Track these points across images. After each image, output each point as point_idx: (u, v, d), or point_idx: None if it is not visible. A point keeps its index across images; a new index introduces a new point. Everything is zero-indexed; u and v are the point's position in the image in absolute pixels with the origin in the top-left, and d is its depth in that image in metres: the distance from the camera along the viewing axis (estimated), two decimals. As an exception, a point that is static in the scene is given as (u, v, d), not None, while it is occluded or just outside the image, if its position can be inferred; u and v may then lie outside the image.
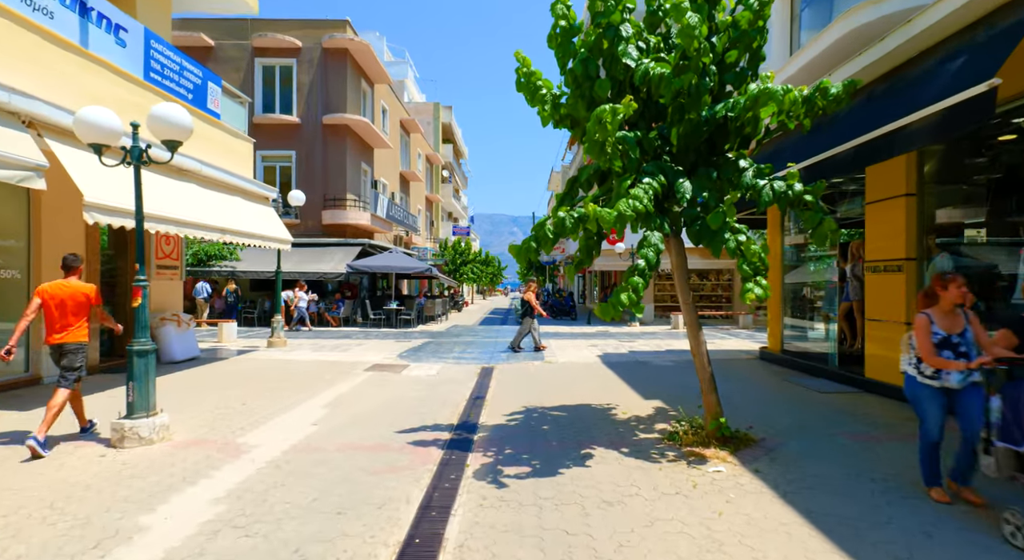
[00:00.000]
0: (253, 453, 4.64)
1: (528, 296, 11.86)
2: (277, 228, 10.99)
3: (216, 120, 9.78)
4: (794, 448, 4.68)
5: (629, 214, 4.12)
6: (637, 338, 14.90)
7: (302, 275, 17.59)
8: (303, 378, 8.36)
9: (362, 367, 9.55)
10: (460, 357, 11.08)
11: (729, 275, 21.31)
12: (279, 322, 12.08)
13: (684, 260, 5.07)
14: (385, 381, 8.26)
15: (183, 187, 8.22)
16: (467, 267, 33.79)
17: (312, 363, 9.91)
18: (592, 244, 5.11)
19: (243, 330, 16.57)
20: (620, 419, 5.86)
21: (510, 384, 8.08)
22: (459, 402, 6.86)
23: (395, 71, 41.19)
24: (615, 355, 11.22)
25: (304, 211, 20.40)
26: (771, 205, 4.59)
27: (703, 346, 4.99)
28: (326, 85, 20.48)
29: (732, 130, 4.80)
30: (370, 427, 5.58)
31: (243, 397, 6.91)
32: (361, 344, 13.05)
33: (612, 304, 4.21)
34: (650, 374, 8.84)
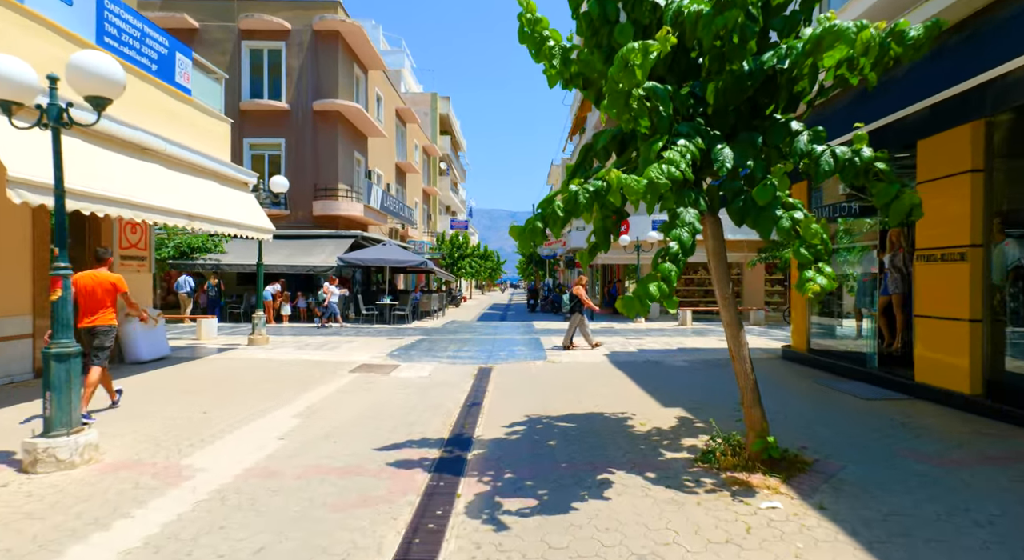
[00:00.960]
0: (197, 479, 3.79)
1: (578, 290, 10.96)
2: (257, 216, 10.11)
3: (186, 96, 8.88)
4: (858, 474, 3.83)
5: (663, 182, 3.26)
6: (644, 335, 14.06)
7: (290, 268, 16.72)
8: (280, 381, 7.51)
9: (348, 368, 8.70)
10: (455, 356, 10.23)
11: (738, 268, 20.43)
12: (261, 318, 11.22)
13: (722, 244, 4.21)
14: (371, 384, 7.40)
15: (144, 167, 7.33)
16: (465, 261, 32.92)
17: (294, 363, 9.06)
18: (610, 225, 4.25)
19: (227, 326, 15.70)
20: (639, 432, 5.02)
21: (510, 387, 7.24)
22: (452, 410, 6.01)
23: (391, 60, 40.14)
24: (623, 354, 10.38)
25: (294, 202, 19.51)
26: (830, 176, 3.72)
27: (745, 349, 4.13)
28: (317, 69, 19.54)
29: (782, 85, 3.92)
30: (345, 442, 4.73)
31: (206, 404, 6.05)
32: (350, 342, 12.20)
33: (638, 297, 3.36)
34: (665, 376, 7.99)
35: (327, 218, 19.54)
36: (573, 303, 11.04)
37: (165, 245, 15.97)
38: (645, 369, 8.60)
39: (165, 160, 7.86)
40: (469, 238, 37.55)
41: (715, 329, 15.70)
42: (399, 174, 29.49)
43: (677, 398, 6.45)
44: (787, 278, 19.86)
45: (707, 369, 8.54)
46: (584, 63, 4.30)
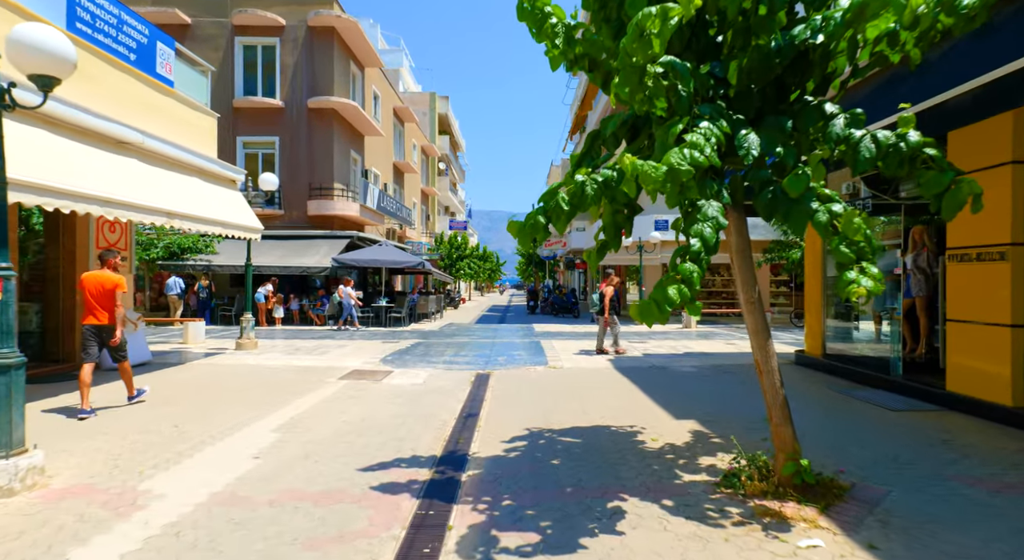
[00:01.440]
0: (152, 509, 3.33)
1: (608, 291, 10.48)
2: (244, 215, 9.66)
3: (167, 88, 8.43)
4: (905, 503, 3.38)
5: (684, 169, 2.81)
6: (648, 338, 13.60)
7: (283, 269, 16.27)
8: (264, 389, 7.05)
9: (337, 374, 8.24)
10: (452, 361, 9.77)
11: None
12: (249, 321, 10.76)
13: (747, 241, 3.77)
14: (361, 392, 6.95)
15: (120, 162, 6.88)
16: (464, 262, 32.47)
17: (281, 369, 8.60)
18: (621, 221, 3.80)
19: (218, 329, 15.24)
20: (651, 449, 4.56)
21: (509, 396, 6.78)
22: (446, 421, 5.56)
23: (389, 59, 39.74)
24: (628, 359, 9.92)
25: (288, 201, 19.07)
26: (871, 165, 3.28)
27: (773, 360, 3.68)
28: (312, 66, 19.10)
29: (815, 62, 3.48)
30: (327, 461, 4.27)
31: (181, 416, 5.59)
32: (343, 346, 11.74)
33: (655, 302, 2.91)
34: (673, 384, 7.54)
35: (322, 218, 19.10)
36: (602, 304, 10.59)
37: (154, 245, 15.53)
38: (652, 376, 8.15)
39: (143, 155, 7.41)
40: (468, 239, 37.10)
41: (721, 332, 15.25)
42: (397, 174, 29.05)
43: (689, 409, 5.99)
44: (792, 279, 19.42)
45: (717, 376, 8.09)
46: (590, 43, 3.85)
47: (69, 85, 6.44)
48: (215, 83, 18.83)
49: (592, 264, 3.93)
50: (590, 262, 3.92)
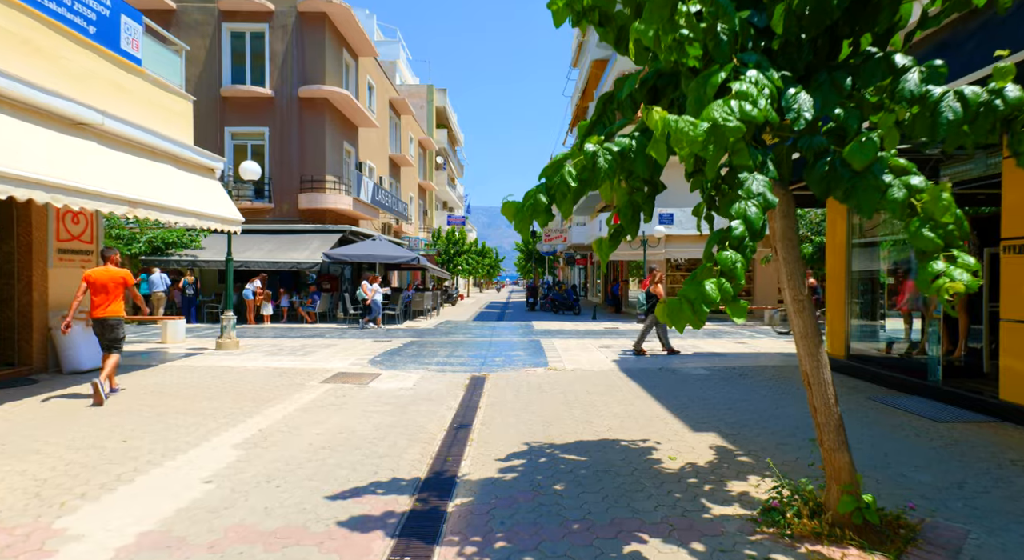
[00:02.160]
0: (60, 557, 2.69)
1: (656, 289, 9.79)
2: (222, 206, 8.99)
3: (134, 66, 7.75)
4: (994, 549, 2.74)
5: (732, 126, 2.17)
6: (653, 337, 12.95)
7: (273, 265, 15.60)
8: (237, 395, 6.40)
9: (320, 377, 7.60)
10: (446, 362, 9.12)
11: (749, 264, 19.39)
12: (231, 320, 10.10)
13: (794, 227, 3.11)
14: (343, 399, 6.30)
15: (74, 144, 6.21)
16: (461, 258, 31.81)
17: (260, 372, 7.95)
18: (641, 201, 3.15)
19: (203, 327, 14.58)
20: (669, 471, 3.92)
21: (506, 403, 6.14)
22: (435, 434, 4.92)
23: (386, 51, 38.97)
24: (634, 360, 9.28)
25: (278, 194, 18.40)
26: (955, 129, 2.62)
27: (826, 371, 3.03)
28: (302, 54, 18.38)
29: (884, 5, 2.83)
30: (292, 486, 3.63)
31: (134, 428, 4.95)
32: (331, 345, 11.09)
33: (688, 301, 2.28)
34: (685, 388, 6.91)
35: (314, 212, 18.41)
36: (651, 303, 9.91)
37: (137, 240, 14.85)
38: (661, 379, 7.51)
39: (103, 137, 6.73)
40: (466, 234, 36.42)
41: (728, 330, 14.62)
42: (393, 167, 28.35)
43: (706, 418, 5.35)
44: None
45: (732, 380, 7.45)
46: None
47: (14, 57, 5.77)
48: (201, 71, 18.17)
49: (603, 255, 3.27)
50: (601, 253, 3.27)
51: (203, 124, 18.10)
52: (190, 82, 18.11)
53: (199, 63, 18.18)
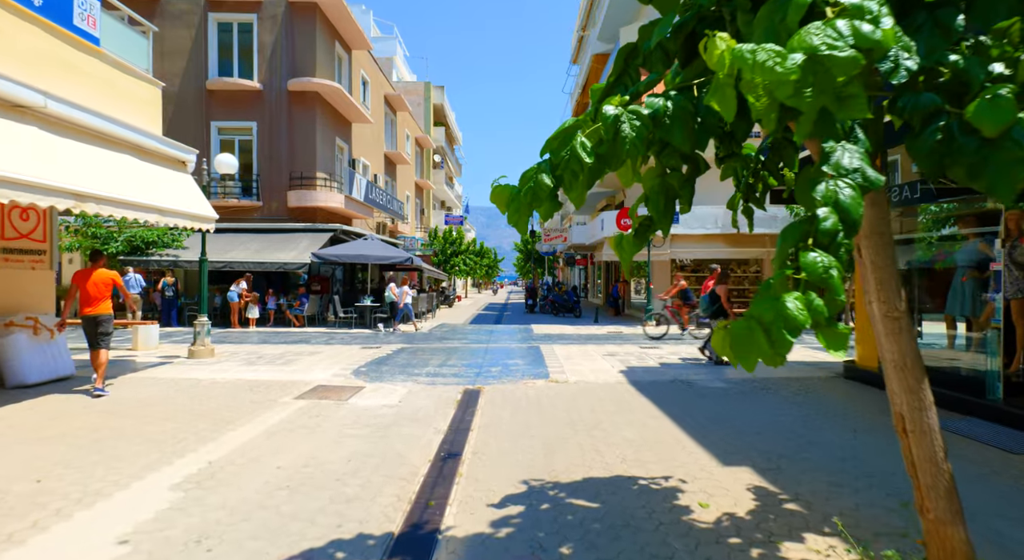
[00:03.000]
0: None
1: (721, 291, 8.86)
2: (193, 201, 8.23)
3: (91, 45, 6.98)
4: None
5: (843, 56, 1.40)
6: (661, 343, 12.20)
7: (258, 265, 14.83)
8: (195, 415, 5.63)
9: (296, 391, 6.83)
10: (437, 373, 8.35)
11: (757, 266, 18.58)
12: (204, 325, 9.33)
13: (886, 216, 2.34)
14: (316, 420, 5.53)
15: (9, 129, 5.44)
16: (458, 258, 31.03)
17: (230, 386, 7.18)
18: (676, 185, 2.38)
19: (183, 332, 13.79)
20: (702, 524, 3.16)
21: (503, 425, 5.37)
22: (416, 469, 4.16)
23: (382, 48, 38.20)
24: (643, 370, 8.52)
25: (267, 191, 17.63)
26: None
27: (931, 415, 2.25)
28: (292, 46, 17.61)
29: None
30: (225, 552, 2.86)
31: (56, 461, 4.17)
32: (315, 353, 10.30)
33: (764, 327, 1.51)
34: (703, 404, 6.14)
35: (303, 210, 17.64)
36: (716, 306, 8.93)
37: (114, 239, 14.06)
38: (675, 393, 6.75)
39: (47, 122, 5.95)
40: (463, 234, 35.64)
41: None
42: (388, 165, 27.57)
43: (735, 446, 4.59)
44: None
45: (753, 395, 6.69)
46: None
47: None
48: (187, 63, 17.41)
49: (625, 256, 2.51)
50: (622, 254, 2.51)
51: (188, 118, 17.37)
52: (175, 75, 17.37)
53: (184, 55, 17.41)
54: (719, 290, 8.89)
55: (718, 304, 8.92)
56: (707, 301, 9.04)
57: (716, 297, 8.91)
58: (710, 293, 9.05)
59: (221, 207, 17.38)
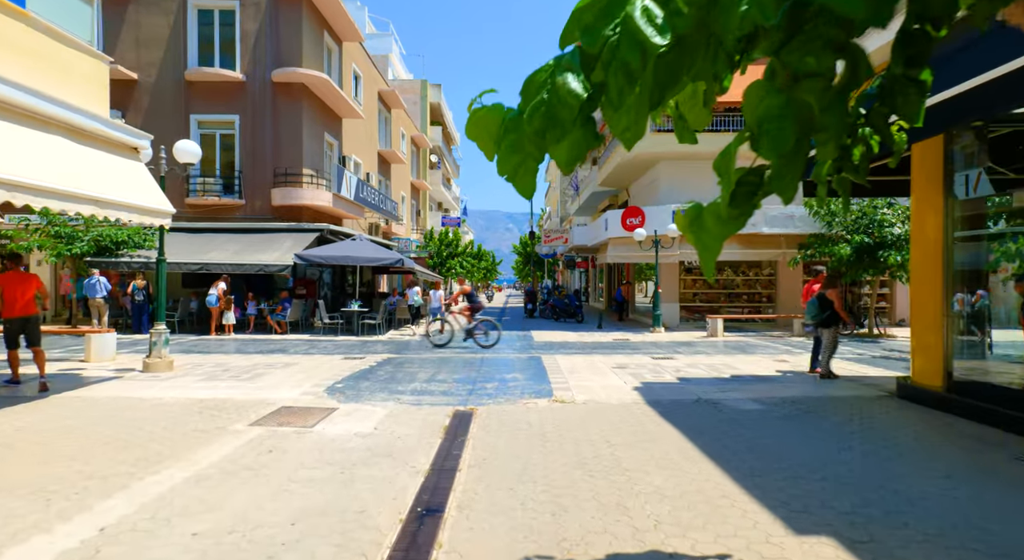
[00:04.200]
0: None
1: (834, 294, 7.58)
2: (145, 193, 7.17)
3: (14, 6, 5.93)
4: None
5: None
6: (674, 352, 11.13)
7: (237, 267, 13.75)
8: (118, 449, 4.55)
9: (255, 414, 5.76)
10: (424, 390, 7.27)
11: (771, 268, 17.55)
12: (161, 334, 8.24)
13: None
14: (268, 456, 4.45)
15: None
16: (455, 260, 29.97)
17: (177, 407, 6.09)
18: (812, 107, 1.30)
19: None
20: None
21: (498, 462, 4.30)
22: (381, 535, 3.09)
23: (378, 45, 37.23)
24: (660, 386, 7.45)
25: (250, 189, 16.57)
26: None
27: None
28: (277, 34, 16.59)
29: None
30: None
31: (-103, 527, 3.09)
32: (291, 364, 9.21)
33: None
34: (742, 434, 5.07)
35: (289, 209, 16.57)
36: (827, 313, 7.64)
37: (79, 238, 12.98)
38: (704, 418, 5.68)
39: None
40: (460, 235, 34.58)
41: (756, 343, 12.78)
42: (382, 164, 26.54)
43: (802, 500, 3.51)
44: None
45: (798, 420, 5.62)
46: None
47: None
48: (164, 52, 16.39)
49: (707, 241, 1.45)
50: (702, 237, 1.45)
51: (165, 111, 16.33)
52: (151, 65, 16.34)
53: (161, 43, 16.37)
54: (830, 294, 7.58)
55: (829, 311, 7.58)
56: (815, 307, 7.69)
57: (826, 302, 7.59)
58: (818, 297, 7.71)
59: (200, 206, 16.35)
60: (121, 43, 16.29)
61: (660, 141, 16.14)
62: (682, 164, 16.88)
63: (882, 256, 12.49)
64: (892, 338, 13.61)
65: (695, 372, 8.53)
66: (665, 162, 17.00)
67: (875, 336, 13.85)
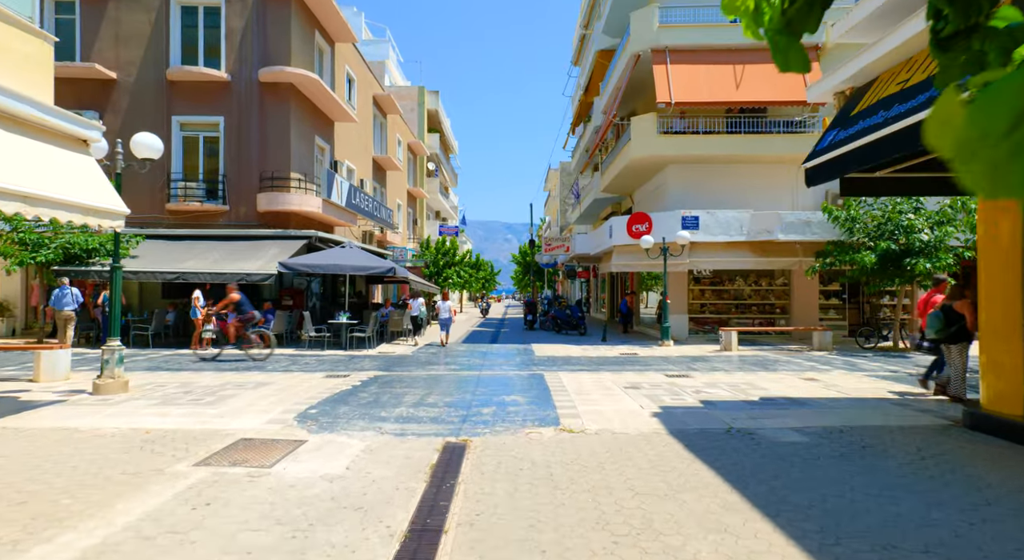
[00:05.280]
0: None
1: (964, 307, 6.41)
2: (93, 191, 6.27)
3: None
4: None
5: None
6: (689, 369, 10.17)
7: (216, 277, 12.81)
8: (12, 504, 3.60)
9: (203, 451, 4.81)
10: (411, 417, 6.32)
11: (785, 278, 16.64)
12: (115, 352, 7.30)
13: None
14: (202, 513, 3.50)
15: None
16: (452, 270, 29.05)
17: (116, 440, 5.14)
18: None
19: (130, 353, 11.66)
20: None
21: (494, 523, 3.35)
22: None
23: (375, 51, 36.62)
24: (682, 411, 6.50)
25: (235, 194, 15.69)
26: None
27: None
28: (264, 32, 15.81)
29: None
30: None
31: None
32: (264, 384, 8.25)
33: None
34: (798, 479, 4.13)
35: (276, 215, 15.67)
36: (955, 327, 6.47)
37: (45, 246, 12.06)
38: (742, 455, 4.74)
39: None
40: (458, 244, 33.69)
41: (775, 358, 11.84)
42: (377, 171, 25.72)
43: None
44: (845, 289, 16.08)
45: (858, 458, 4.68)
46: None
47: None
48: (145, 50, 15.60)
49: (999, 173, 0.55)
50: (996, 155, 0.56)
51: (145, 112, 15.50)
52: (131, 63, 15.54)
53: (142, 41, 15.58)
54: (960, 306, 6.44)
55: (958, 325, 6.44)
56: (939, 321, 6.58)
57: (954, 315, 6.46)
58: (943, 309, 6.62)
59: (181, 211, 15.45)
60: (100, 40, 15.50)
61: (669, 143, 15.33)
62: (692, 168, 16.06)
63: (908, 264, 11.61)
64: (919, 352, 12.68)
65: (718, 394, 7.58)
66: (674, 166, 16.17)
67: (900, 350, 12.92)
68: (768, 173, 15.95)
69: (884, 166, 5.91)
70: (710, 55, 15.31)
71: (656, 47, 15.41)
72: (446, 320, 14.56)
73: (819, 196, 15.78)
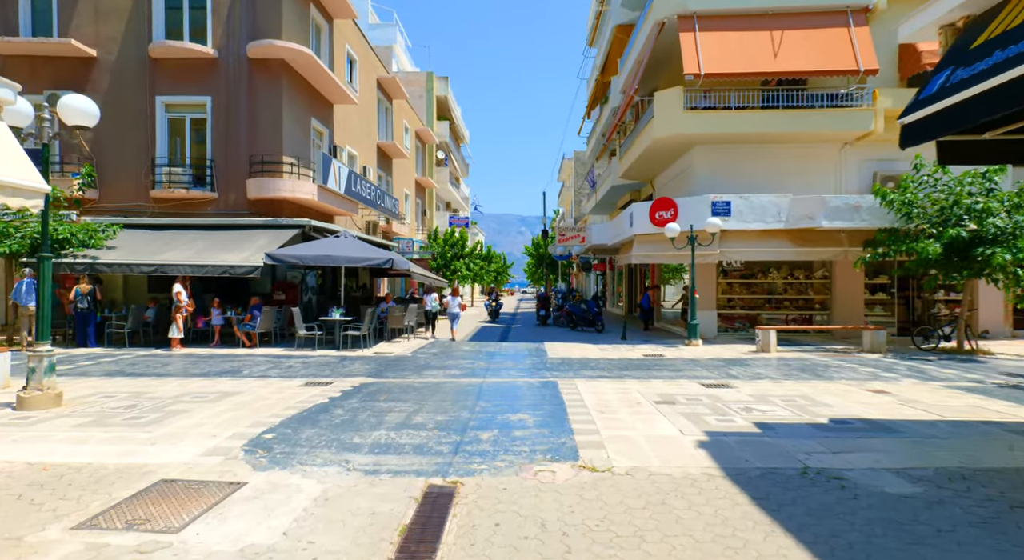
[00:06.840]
0: None
1: None
2: (4, 165, 5.04)
3: None
4: None
5: None
6: (727, 376, 8.73)
7: (196, 269, 11.66)
8: None
9: (100, 502, 3.56)
10: (389, 443, 5.01)
11: (825, 270, 15.03)
12: (43, 359, 6.10)
13: None
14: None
15: None
16: (461, 262, 27.75)
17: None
18: None
19: (98, 354, 10.59)
20: None
21: None
22: None
23: (381, 36, 35.29)
24: (735, 440, 5.11)
25: (223, 181, 14.52)
26: None
27: None
28: (253, 4, 14.55)
29: None
30: None
31: None
32: (227, 395, 7.00)
33: None
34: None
35: (267, 202, 14.46)
36: None
37: (9, 236, 11.00)
38: (839, 518, 3.36)
39: None
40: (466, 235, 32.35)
41: (825, 362, 10.33)
42: (383, 158, 24.45)
43: None
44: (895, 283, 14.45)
45: (1011, 520, 3.27)
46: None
47: None
48: (126, 25, 14.46)
49: None
50: None
51: (127, 92, 14.38)
52: (111, 39, 14.40)
53: (123, 15, 14.42)
54: None
55: None
56: None
57: None
58: None
59: (167, 199, 14.32)
60: (78, 15, 14.37)
61: (696, 121, 13.78)
62: (722, 149, 14.49)
63: (981, 254, 10.00)
64: (990, 354, 11.09)
65: (774, 412, 6.16)
66: (701, 146, 14.61)
67: (967, 352, 11.32)
68: (807, 154, 14.34)
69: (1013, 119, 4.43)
70: (743, 20, 13.69)
71: (683, 13, 13.82)
72: (455, 315, 15.11)
73: (866, 179, 14.13)
